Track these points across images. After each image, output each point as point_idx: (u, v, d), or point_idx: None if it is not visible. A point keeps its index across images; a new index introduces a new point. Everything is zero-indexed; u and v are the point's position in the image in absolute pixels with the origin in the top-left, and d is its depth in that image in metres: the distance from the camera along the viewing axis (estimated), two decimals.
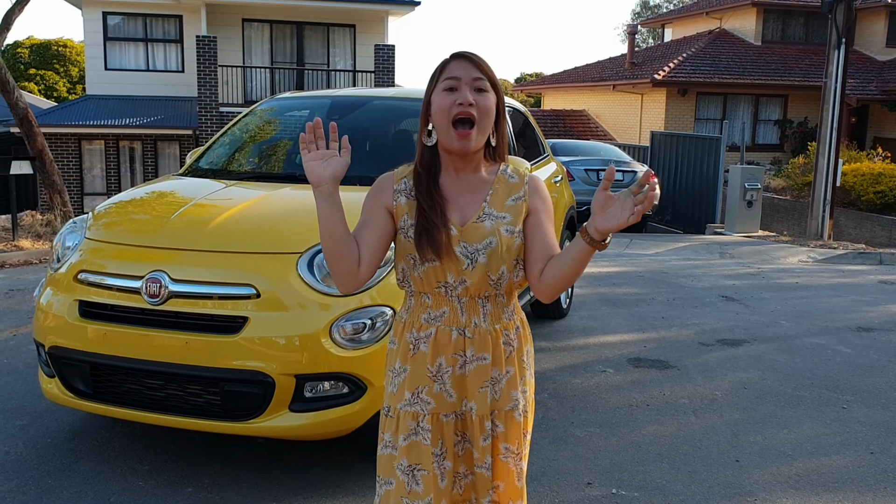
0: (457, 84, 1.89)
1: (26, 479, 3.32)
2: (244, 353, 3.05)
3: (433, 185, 1.95)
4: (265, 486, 3.29)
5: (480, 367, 1.96)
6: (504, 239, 1.92)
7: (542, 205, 2.00)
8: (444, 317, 1.96)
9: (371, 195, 2.00)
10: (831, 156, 12.52)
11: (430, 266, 1.92)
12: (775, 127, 23.43)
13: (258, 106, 5.05)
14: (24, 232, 10.20)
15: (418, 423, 1.95)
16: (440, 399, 1.95)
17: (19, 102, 11.42)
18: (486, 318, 1.96)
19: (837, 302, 7.24)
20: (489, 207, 1.95)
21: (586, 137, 23.35)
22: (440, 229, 1.90)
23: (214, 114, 18.58)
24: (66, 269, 3.43)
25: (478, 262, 1.91)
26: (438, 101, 1.90)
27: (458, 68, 1.91)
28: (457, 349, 1.95)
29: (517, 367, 2.01)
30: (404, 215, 1.95)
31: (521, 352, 2.02)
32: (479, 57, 1.93)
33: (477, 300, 1.95)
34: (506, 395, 1.98)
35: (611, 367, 4.98)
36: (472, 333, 1.95)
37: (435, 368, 1.95)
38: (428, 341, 1.96)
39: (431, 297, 1.96)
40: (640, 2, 49.20)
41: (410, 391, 1.96)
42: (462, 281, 1.92)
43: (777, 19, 24.74)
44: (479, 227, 1.92)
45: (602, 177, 13.37)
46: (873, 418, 4.23)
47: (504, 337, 1.98)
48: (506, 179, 2.00)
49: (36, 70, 35.76)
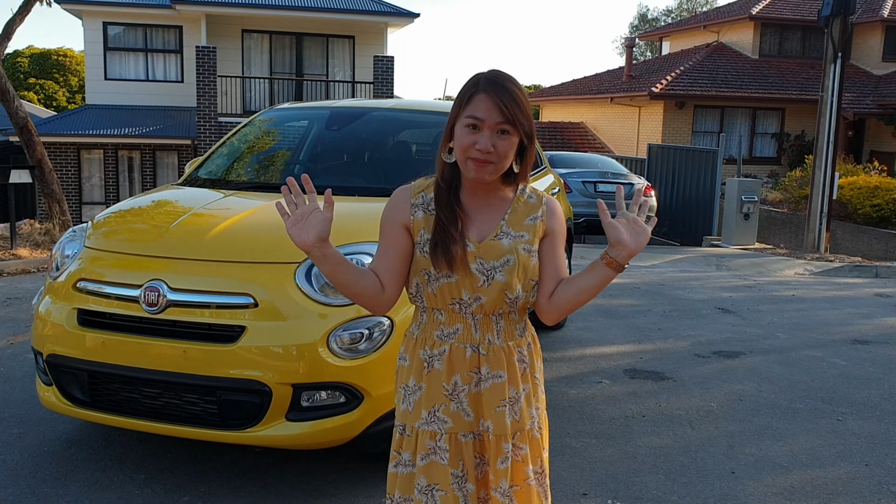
0: (479, 125, 1.86)
1: (22, 488, 3.32)
2: (241, 363, 3.06)
3: (454, 198, 1.94)
4: (262, 495, 3.30)
5: (496, 386, 1.94)
6: (522, 257, 1.92)
7: (559, 227, 2.00)
8: (457, 334, 1.94)
9: (388, 211, 1.99)
10: (828, 169, 12.57)
11: (444, 282, 1.91)
12: (772, 140, 23.54)
13: (257, 116, 5.08)
14: (23, 240, 10.21)
15: (436, 443, 1.93)
16: (457, 418, 1.94)
17: (19, 111, 11.44)
18: (499, 335, 1.95)
19: (833, 315, 7.27)
20: (507, 226, 1.94)
21: (584, 150, 23.43)
22: (457, 242, 1.88)
23: (213, 124, 18.63)
24: (65, 278, 3.44)
25: (495, 279, 1.90)
26: (460, 135, 1.89)
27: (482, 108, 1.86)
28: (471, 367, 1.94)
29: (531, 384, 2.00)
30: (421, 230, 1.93)
31: (533, 368, 2.02)
32: (508, 94, 1.86)
33: (491, 317, 1.94)
34: (525, 413, 1.97)
35: (607, 378, 5.00)
36: (487, 350, 1.94)
37: (451, 387, 1.94)
38: (442, 359, 1.94)
39: (445, 313, 1.95)
40: (638, 15, 49.48)
41: (427, 409, 1.94)
42: (477, 298, 1.91)
43: (774, 33, 24.89)
44: (496, 244, 1.92)
45: (599, 189, 13.44)
46: (868, 430, 4.24)
47: (518, 354, 1.98)
48: (524, 199, 1.99)
49: (36, 79, 35.85)
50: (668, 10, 49.15)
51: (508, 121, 1.86)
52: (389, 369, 3.16)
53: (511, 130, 1.87)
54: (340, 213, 3.77)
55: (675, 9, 46.85)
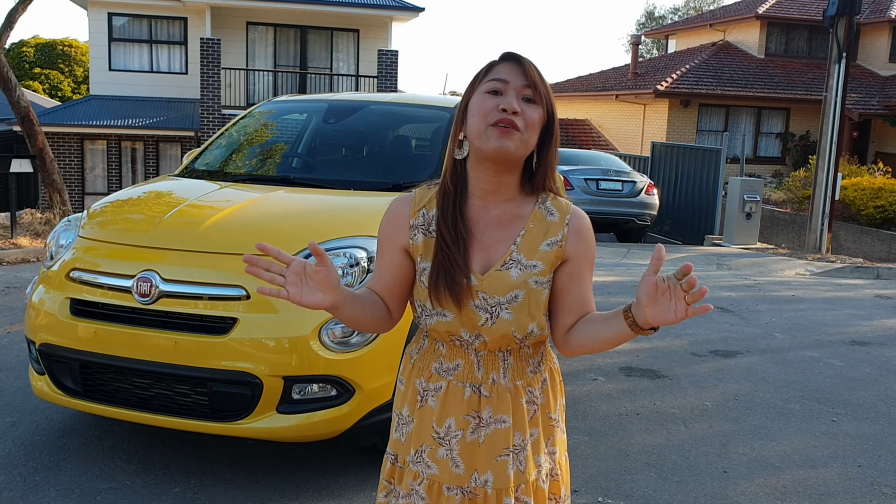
0: (503, 87, 1.61)
1: (14, 476, 3.33)
2: (233, 354, 3.06)
3: (460, 212, 1.65)
4: (252, 487, 3.30)
5: (499, 432, 1.66)
6: (532, 292, 1.63)
7: (585, 252, 1.68)
8: (457, 370, 1.68)
9: (385, 229, 1.72)
10: (830, 170, 12.54)
11: (439, 320, 1.64)
12: (777, 140, 23.47)
13: (256, 108, 5.07)
14: (23, 230, 10.22)
15: (416, 486, 1.69)
16: (444, 467, 1.67)
17: (21, 101, 11.45)
18: (506, 373, 1.67)
19: (832, 315, 7.25)
20: (518, 252, 1.64)
21: (588, 147, 23.39)
22: (461, 273, 1.60)
23: (217, 116, 18.63)
24: (59, 267, 3.44)
25: (499, 317, 1.62)
26: (478, 102, 1.61)
27: (506, 71, 1.62)
28: (469, 409, 1.67)
29: (542, 429, 1.72)
30: (419, 256, 1.67)
31: (547, 408, 1.73)
32: (532, 63, 1.64)
33: (497, 353, 1.67)
34: (531, 464, 1.69)
35: (602, 376, 4.99)
36: (490, 392, 1.67)
37: (443, 430, 1.68)
38: (437, 396, 1.69)
39: (446, 346, 1.69)
40: (644, 13, 49.37)
41: (415, 448, 1.71)
42: (478, 336, 1.65)
43: (781, 33, 24.80)
44: (502, 276, 1.62)
45: (601, 186, 13.42)
46: (862, 431, 4.23)
47: (527, 395, 1.69)
48: (543, 216, 1.67)
49: (41, 69, 35.87)
50: (675, 8, 49.00)
51: (533, 85, 1.61)
52: (381, 363, 3.17)
53: (536, 99, 1.62)
54: (337, 207, 3.80)
55: (681, 7, 46.72)
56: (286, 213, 3.65)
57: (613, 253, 11.40)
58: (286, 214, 3.62)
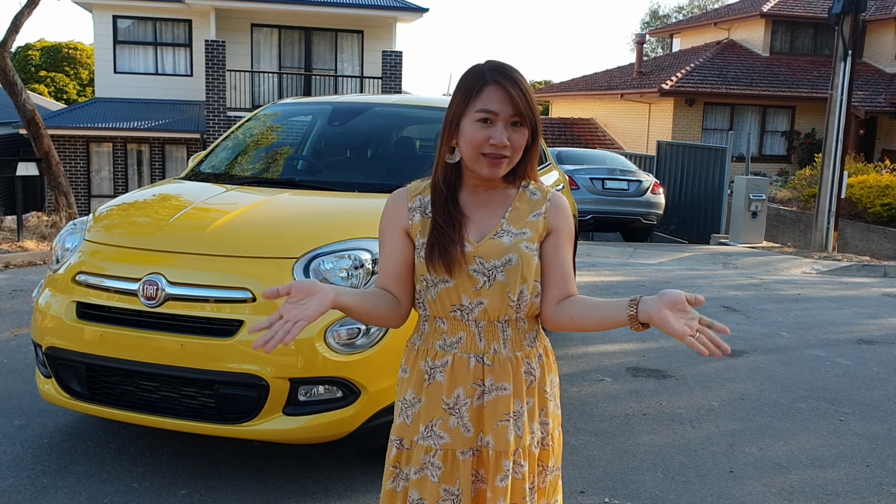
0: (493, 118, 1.75)
1: (22, 479, 3.34)
2: (239, 357, 3.07)
3: (452, 202, 1.83)
4: (259, 488, 3.30)
5: (500, 398, 1.82)
6: (524, 256, 1.80)
7: (565, 224, 1.87)
8: (460, 343, 1.82)
9: (385, 219, 1.89)
10: (836, 167, 12.50)
11: (443, 287, 1.80)
12: (783, 138, 23.41)
13: (261, 111, 5.08)
14: (30, 233, 10.26)
15: (430, 458, 1.82)
16: (456, 434, 1.82)
17: (27, 104, 11.49)
18: (506, 344, 1.83)
19: (839, 314, 7.23)
20: (507, 224, 1.83)
21: (594, 146, 23.36)
22: (455, 244, 1.78)
23: (222, 118, 18.67)
24: (65, 271, 3.45)
25: (496, 279, 1.79)
26: (471, 133, 1.76)
27: (495, 100, 1.75)
28: (475, 378, 1.82)
29: (537, 399, 1.87)
30: (418, 234, 1.84)
31: (542, 381, 1.89)
32: (519, 86, 1.77)
33: (496, 324, 1.82)
34: (527, 429, 1.85)
35: (608, 376, 4.98)
36: (492, 361, 1.82)
37: (452, 400, 1.82)
38: (444, 370, 1.83)
39: (447, 322, 1.83)
40: (649, 11, 49.31)
41: (424, 424, 1.84)
42: (479, 303, 1.80)
43: (786, 31, 24.73)
44: (496, 242, 1.81)
45: (607, 186, 13.40)
46: (870, 431, 4.22)
47: (525, 365, 1.85)
48: (528, 197, 1.87)
49: (46, 72, 35.97)
50: (680, 6, 48.94)
51: (520, 113, 1.76)
52: (386, 365, 3.17)
53: (522, 122, 1.77)
54: (342, 209, 3.80)
55: (686, 5, 46.63)
56: (291, 215, 3.66)
57: (619, 252, 11.38)
58: (291, 217, 3.63)
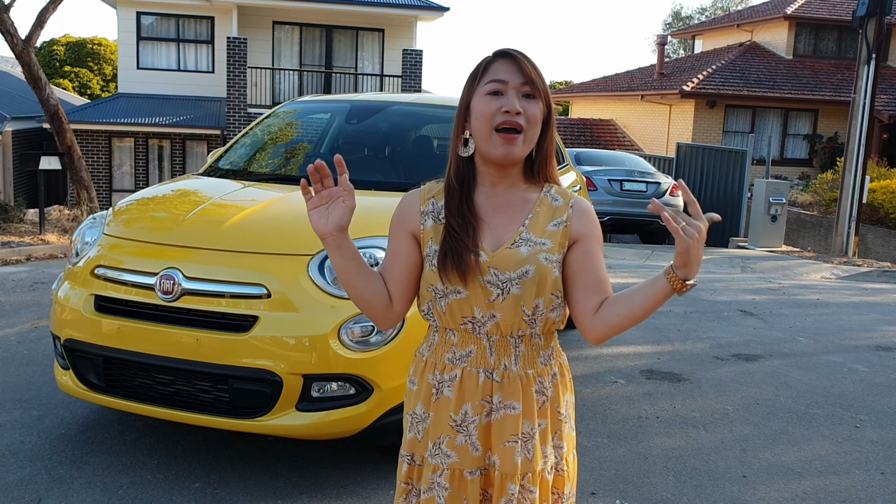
0: (503, 88, 1.67)
1: (38, 469, 3.39)
2: (254, 352, 3.09)
3: (467, 203, 1.73)
4: (271, 483, 3.33)
5: (508, 417, 1.71)
6: (542, 268, 1.68)
7: (592, 230, 1.75)
8: (470, 357, 1.73)
9: (396, 220, 1.81)
10: (858, 172, 12.39)
11: (454, 298, 1.70)
12: (804, 142, 23.20)
13: (279, 108, 5.12)
14: (51, 226, 10.37)
15: (437, 477, 1.74)
16: (464, 453, 1.72)
17: (50, 99, 11.62)
18: (517, 360, 1.73)
19: (858, 320, 7.16)
20: (527, 232, 1.71)
21: (613, 147, 23.28)
22: (470, 251, 1.67)
23: (243, 115, 18.78)
24: (84, 264, 3.49)
25: (510, 293, 1.68)
26: (481, 106, 1.68)
27: (504, 70, 1.69)
28: (484, 394, 1.72)
29: (550, 421, 1.76)
30: (430, 240, 1.74)
31: (556, 402, 1.78)
32: (528, 58, 1.71)
33: (509, 339, 1.72)
34: (538, 453, 1.73)
35: (622, 379, 4.97)
36: (501, 377, 1.72)
37: (460, 417, 1.73)
38: (452, 385, 1.74)
39: (457, 334, 1.75)
40: (671, 12, 49.03)
41: (433, 441, 1.75)
42: (491, 316, 1.70)
43: (809, 33, 24.52)
44: (513, 253, 1.69)
45: (625, 187, 13.35)
46: (886, 438, 4.18)
47: (537, 384, 1.74)
48: (549, 202, 1.76)
49: (71, 67, 36.31)
50: (703, 8, 48.68)
51: (531, 81, 1.68)
52: (399, 363, 3.18)
53: (535, 94, 1.69)
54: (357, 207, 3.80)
55: (709, 7, 46.34)
56: (307, 212, 3.67)
57: (636, 254, 11.34)
58: (307, 214, 3.64)
